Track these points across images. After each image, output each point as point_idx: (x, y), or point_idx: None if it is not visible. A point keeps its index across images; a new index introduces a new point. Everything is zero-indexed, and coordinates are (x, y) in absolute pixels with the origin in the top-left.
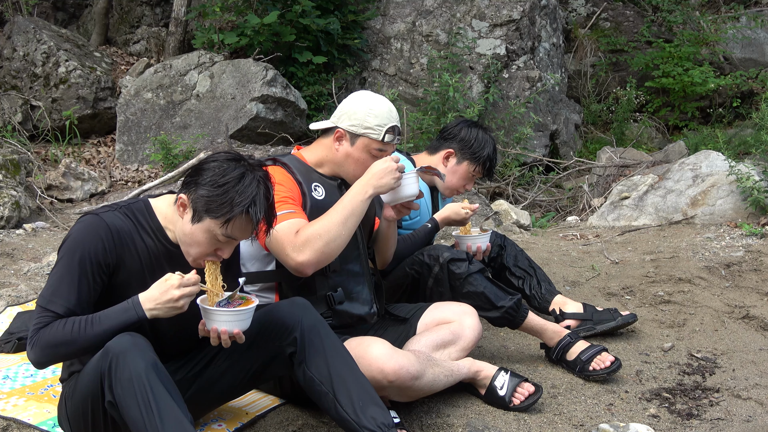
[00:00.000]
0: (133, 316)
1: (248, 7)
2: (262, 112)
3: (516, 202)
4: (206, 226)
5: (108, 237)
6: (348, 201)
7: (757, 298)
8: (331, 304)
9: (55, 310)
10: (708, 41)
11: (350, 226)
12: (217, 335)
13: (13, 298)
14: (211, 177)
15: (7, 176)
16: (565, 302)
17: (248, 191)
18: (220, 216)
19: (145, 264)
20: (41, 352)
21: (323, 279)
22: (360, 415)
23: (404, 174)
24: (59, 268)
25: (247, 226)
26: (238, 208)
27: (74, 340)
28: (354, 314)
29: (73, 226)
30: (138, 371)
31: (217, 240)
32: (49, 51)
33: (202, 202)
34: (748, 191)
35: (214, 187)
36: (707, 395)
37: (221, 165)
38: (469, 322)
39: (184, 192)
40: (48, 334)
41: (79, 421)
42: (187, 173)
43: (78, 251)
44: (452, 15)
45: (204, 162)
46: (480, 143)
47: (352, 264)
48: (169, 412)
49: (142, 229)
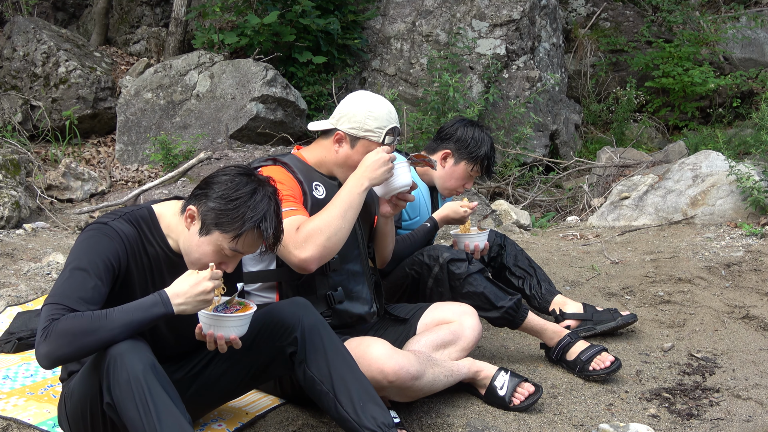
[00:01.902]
0: (161, 310)
1: (248, 7)
2: (262, 112)
3: (516, 202)
4: (214, 239)
5: (120, 244)
6: (345, 194)
7: (757, 298)
8: (331, 303)
9: (70, 304)
10: (708, 41)
11: (350, 219)
12: (213, 340)
13: (13, 298)
14: (222, 191)
15: (7, 176)
16: (565, 302)
17: (260, 207)
18: (230, 231)
19: (147, 272)
20: (57, 341)
21: (323, 278)
22: (360, 414)
23: (395, 164)
24: (70, 271)
25: (256, 241)
26: (249, 223)
27: (96, 329)
28: (354, 313)
29: (80, 235)
30: (136, 372)
31: (223, 254)
32: (49, 51)
33: (212, 215)
34: (748, 191)
35: (225, 201)
36: (707, 395)
37: (233, 179)
38: (469, 322)
39: (193, 203)
40: (65, 324)
41: (78, 421)
42: (196, 185)
43: (90, 254)
44: (452, 15)
45: (215, 175)
46: (477, 142)
47: (352, 263)
48: (167, 413)
49: (145, 237)
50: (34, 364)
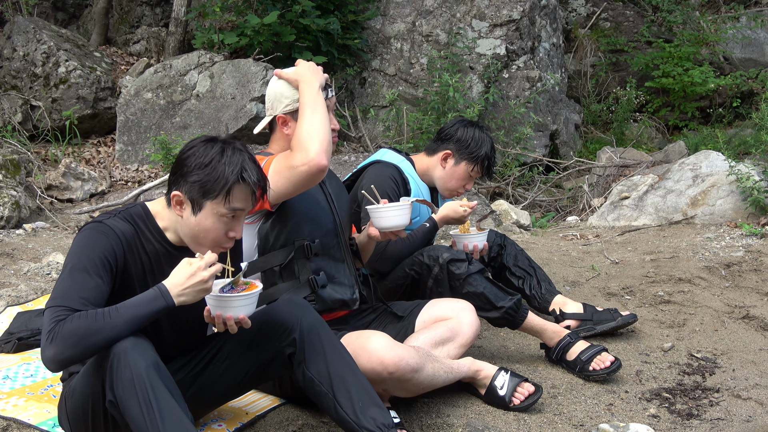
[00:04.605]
0: (162, 304)
1: (248, 7)
2: (262, 112)
3: (516, 202)
4: (209, 211)
5: (116, 241)
6: (311, 100)
7: (757, 298)
8: (315, 287)
9: (72, 305)
10: (708, 41)
11: (325, 116)
12: (222, 321)
13: (13, 298)
14: (195, 163)
15: (7, 176)
16: (565, 302)
17: (234, 160)
18: (219, 194)
19: (147, 268)
20: (63, 344)
21: (305, 262)
22: (360, 415)
23: (398, 204)
24: (70, 271)
25: (246, 192)
26: (232, 177)
27: (100, 328)
28: (337, 298)
29: (77, 235)
30: (139, 370)
31: (224, 220)
32: (49, 51)
33: (196, 189)
34: (748, 191)
35: (201, 169)
36: (707, 395)
37: (200, 149)
38: (467, 318)
39: (174, 189)
40: (70, 326)
41: (80, 420)
42: (169, 172)
43: (88, 253)
44: (452, 15)
45: (182, 153)
46: (477, 143)
47: (333, 250)
48: (170, 411)
49: (142, 234)
50: (34, 364)
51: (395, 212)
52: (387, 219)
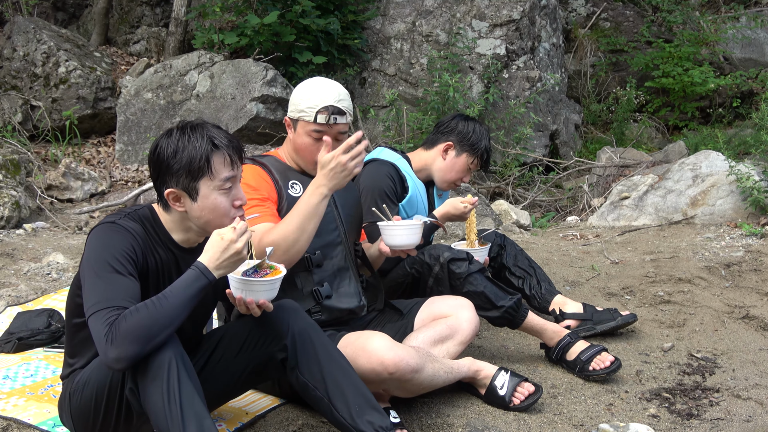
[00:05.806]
0: (204, 281)
1: (248, 7)
2: (262, 112)
3: (516, 202)
4: (206, 191)
5: (134, 240)
6: (303, 205)
7: (757, 298)
8: (319, 299)
9: (120, 304)
10: (708, 41)
11: (309, 229)
12: (243, 303)
13: (13, 298)
14: (166, 154)
15: (7, 176)
16: (565, 302)
17: (199, 133)
18: (204, 171)
19: (158, 271)
20: (125, 341)
21: (307, 275)
22: (356, 419)
23: (410, 222)
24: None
25: (224, 157)
26: (205, 149)
27: (155, 320)
28: (343, 308)
29: (90, 236)
30: (165, 358)
31: (223, 191)
32: (49, 51)
33: (183, 178)
34: (748, 191)
35: (174, 156)
36: (707, 395)
37: (163, 142)
38: (466, 315)
39: (165, 188)
40: (126, 324)
41: (88, 415)
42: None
43: (111, 252)
44: (452, 15)
45: (151, 155)
46: (477, 135)
47: (337, 260)
48: (190, 402)
49: (151, 235)
50: (34, 364)
51: (407, 231)
52: (398, 237)
